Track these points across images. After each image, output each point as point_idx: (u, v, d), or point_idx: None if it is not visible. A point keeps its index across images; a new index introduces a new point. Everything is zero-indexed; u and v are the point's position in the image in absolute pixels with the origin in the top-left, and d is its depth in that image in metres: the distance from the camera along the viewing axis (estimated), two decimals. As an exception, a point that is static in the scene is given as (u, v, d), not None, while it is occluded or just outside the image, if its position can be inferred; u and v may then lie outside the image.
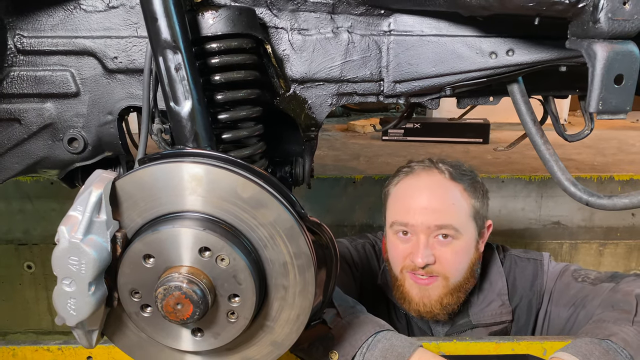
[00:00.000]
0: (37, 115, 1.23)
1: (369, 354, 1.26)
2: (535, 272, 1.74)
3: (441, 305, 1.61)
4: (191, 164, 0.91)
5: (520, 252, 1.82)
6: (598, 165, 3.75)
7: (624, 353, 1.25)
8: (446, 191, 1.61)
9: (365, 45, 1.22)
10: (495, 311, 1.70)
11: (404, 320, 1.76)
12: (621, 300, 1.43)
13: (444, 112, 5.11)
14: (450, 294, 1.61)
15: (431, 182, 1.63)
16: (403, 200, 1.64)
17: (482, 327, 1.70)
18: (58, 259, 0.85)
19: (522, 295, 1.74)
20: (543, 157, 1.24)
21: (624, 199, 1.11)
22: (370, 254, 1.86)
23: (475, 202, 1.64)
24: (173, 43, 0.99)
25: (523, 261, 1.78)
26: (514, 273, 1.77)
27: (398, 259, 1.63)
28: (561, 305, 1.66)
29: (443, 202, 1.60)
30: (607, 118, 0.92)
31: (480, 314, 1.70)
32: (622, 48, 0.89)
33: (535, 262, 1.76)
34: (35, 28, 1.19)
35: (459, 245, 1.59)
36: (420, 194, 1.61)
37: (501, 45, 1.16)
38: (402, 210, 1.62)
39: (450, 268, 1.60)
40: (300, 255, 0.93)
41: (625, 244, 3.13)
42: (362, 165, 3.73)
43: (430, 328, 1.74)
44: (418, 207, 1.59)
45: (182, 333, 0.95)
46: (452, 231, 1.58)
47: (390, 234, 1.66)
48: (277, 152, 1.40)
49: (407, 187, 1.65)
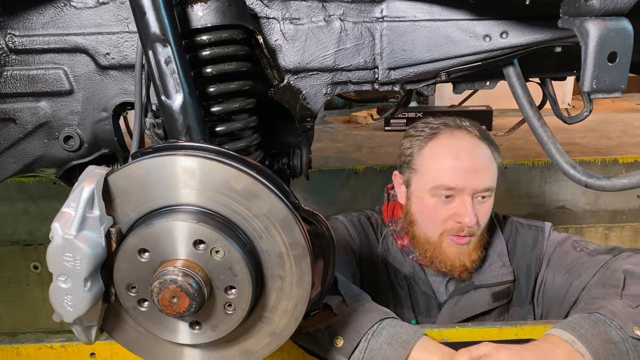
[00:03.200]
0: (32, 114, 1.23)
1: (373, 340, 1.27)
2: (536, 238, 1.76)
3: (471, 259, 1.64)
4: (184, 156, 0.90)
5: (523, 220, 1.84)
6: (602, 148, 3.71)
7: (613, 324, 1.27)
8: (484, 152, 1.63)
9: (358, 33, 1.21)
10: (497, 272, 1.73)
11: (406, 285, 1.76)
12: (610, 277, 1.46)
13: (446, 100, 5.08)
14: (477, 248, 1.66)
15: (468, 143, 1.62)
16: (444, 162, 1.60)
17: (484, 288, 1.72)
18: (52, 256, 0.85)
19: (522, 259, 1.76)
20: (541, 140, 1.22)
21: (623, 180, 1.10)
22: (366, 225, 1.85)
23: (499, 159, 1.68)
24: (162, 36, 0.98)
25: (524, 227, 1.80)
26: (514, 238, 1.79)
27: (437, 222, 1.62)
28: (557, 271, 1.69)
29: (484, 164, 1.61)
30: (602, 97, 0.90)
31: (482, 274, 1.72)
32: (615, 25, 0.87)
33: (537, 229, 1.78)
34: (27, 27, 1.18)
35: (490, 202, 1.64)
36: (463, 155, 1.59)
37: (495, 28, 1.15)
38: (448, 172, 1.59)
39: (484, 223, 1.65)
40: (295, 245, 0.92)
41: (632, 227, 3.11)
42: (364, 156, 3.71)
43: (434, 290, 1.74)
44: (465, 170, 1.58)
45: (179, 326, 0.95)
46: (490, 192, 1.62)
47: (427, 196, 1.63)
48: (273, 144, 1.39)
49: (444, 147, 1.62)
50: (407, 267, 1.75)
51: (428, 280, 1.75)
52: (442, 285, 1.75)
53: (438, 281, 1.75)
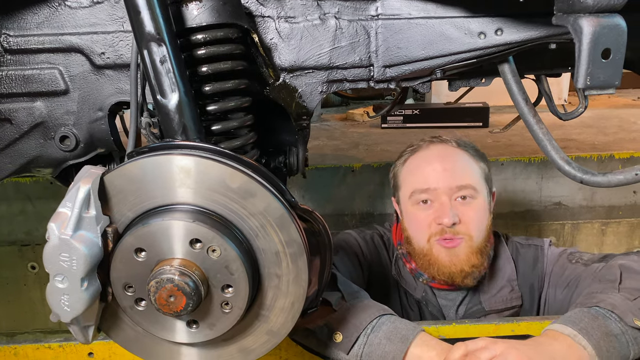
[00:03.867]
0: (27, 114, 1.23)
1: (373, 335, 1.28)
2: (536, 257, 1.76)
3: (470, 264, 1.63)
4: (179, 156, 0.91)
5: (522, 239, 1.85)
6: (599, 144, 3.72)
7: (613, 316, 1.28)
8: (456, 155, 1.69)
9: (354, 31, 1.21)
10: (506, 297, 1.73)
11: (416, 307, 1.78)
12: (606, 273, 1.47)
13: (442, 97, 5.08)
14: (475, 253, 1.64)
15: (442, 150, 1.70)
16: (418, 170, 1.69)
17: (494, 313, 1.72)
18: (49, 256, 0.86)
19: (525, 280, 1.75)
20: (536, 137, 1.23)
21: (618, 176, 1.10)
22: (379, 245, 1.87)
23: (483, 164, 1.71)
24: (157, 35, 0.98)
25: (524, 247, 1.80)
26: (516, 259, 1.78)
27: (422, 229, 1.65)
28: (557, 286, 1.69)
29: (459, 165, 1.66)
30: (596, 93, 0.91)
31: (492, 300, 1.72)
32: (609, 22, 0.88)
33: (537, 248, 1.78)
34: (21, 27, 1.18)
35: (477, 204, 1.65)
36: (435, 160, 1.67)
37: (489, 25, 1.15)
38: (420, 178, 1.67)
39: (474, 226, 1.64)
40: (292, 243, 0.92)
41: (628, 222, 3.12)
42: (361, 153, 3.71)
43: (444, 315, 1.75)
44: (436, 171, 1.65)
45: (177, 325, 0.95)
46: (471, 191, 1.63)
47: (409, 206, 1.69)
48: (270, 142, 1.39)
49: (419, 159, 1.71)
50: (418, 291, 1.76)
51: (439, 304, 1.76)
52: (452, 309, 1.75)
53: (449, 306, 1.75)
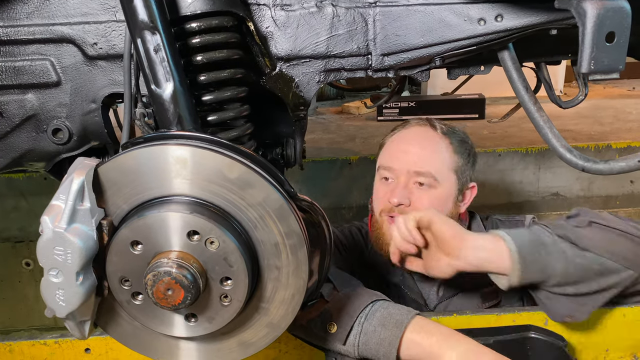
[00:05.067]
0: (18, 107, 1.20)
1: (367, 323, 1.26)
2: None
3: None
4: (175, 146, 0.88)
5: (502, 216, 1.86)
6: (595, 134, 3.72)
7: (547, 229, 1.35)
8: (431, 141, 1.69)
9: (351, 19, 1.19)
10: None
11: (396, 294, 1.77)
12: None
13: (438, 88, 5.07)
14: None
15: (418, 133, 1.73)
16: (390, 147, 1.74)
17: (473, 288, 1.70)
18: (43, 250, 0.84)
19: None
20: (537, 125, 1.21)
21: (620, 163, 1.09)
22: (356, 236, 1.89)
23: (459, 158, 1.70)
24: (151, 23, 0.96)
25: (504, 223, 1.81)
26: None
27: (379, 202, 1.70)
28: None
29: (424, 150, 1.67)
30: (600, 78, 0.89)
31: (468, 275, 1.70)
32: (613, 4, 0.86)
33: (517, 223, 1.79)
34: (11, 17, 1.15)
35: (435, 194, 1.64)
36: (406, 141, 1.71)
37: (489, 11, 1.13)
38: (387, 155, 1.72)
39: None
40: (291, 234, 0.91)
41: (625, 212, 3.12)
42: (357, 146, 3.70)
43: (423, 297, 1.74)
44: (401, 152, 1.68)
45: (175, 319, 0.93)
46: (430, 179, 1.63)
47: (377, 179, 1.74)
48: (267, 134, 1.37)
49: (397, 137, 1.76)
50: (396, 275, 1.77)
51: (417, 286, 1.75)
52: (432, 291, 1.74)
53: (428, 287, 1.75)
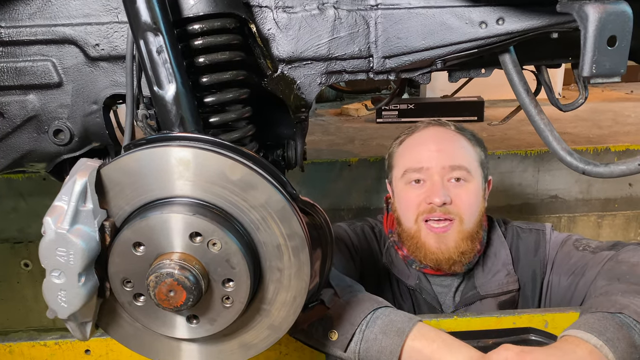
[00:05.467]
0: (20, 107, 1.20)
1: (368, 330, 1.25)
2: (538, 242, 1.74)
3: (458, 252, 1.61)
4: (178, 147, 0.88)
5: (522, 224, 1.83)
6: (594, 137, 3.73)
7: (638, 327, 1.20)
8: (452, 137, 1.69)
9: (353, 21, 1.19)
10: (502, 281, 1.71)
11: (409, 297, 1.75)
12: (627, 273, 1.38)
13: (437, 91, 5.08)
14: (465, 239, 1.62)
15: (437, 131, 1.71)
16: (413, 149, 1.69)
17: (490, 298, 1.70)
18: (45, 251, 0.83)
19: (526, 264, 1.74)
20: (537, 128, 1.22)
21: (620, 166, 1.09)
22: (369, 236, 1.84)
23: (480, 150, 1.71)
24: (153, 25, 0.96)
25: (525, 232, 1.78)
26: (516, 244, 1.77)
27: (412, 207, 1.64)
28: (562, 273, 1.66)
29: (453, 145, 1.66)
30: (601, 82, 0.89)
31: (487, 284, 1.70)
32: (615, 8, 0.86)
33: (538, 232, 1.76)
34: (13, 17, 1.15)
35: (471, 188, 1.64)
36: (431, 140, 1.68)
37: (491, 14, 1.13)
38: (414, 157, 1.67)
39: (466, 209, 1.62)
40: (293, 236, 0.91)
41: (623, 215, 3.13)
42: (357, 148, 3.70)
43: (440, 303, 1.73)
44: (430, 150, 1.65)
45: (177, 321, 0.93)
46: (464, 173, 1.62)
47: (401, 185, 1.69)
48: (268, 135, 1.37)
49: (415, 139, 1.72)
50: (412, 278, 1.74)
51: (434, 291, 1.73)
52: (448, 296, 1.73)
53: (444, 292, 1.73)
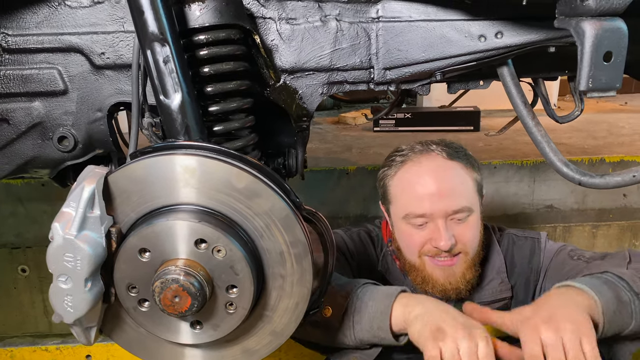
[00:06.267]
0: (25, 114, 1.22)
1: (358, 302, 1.31)
2: (533, 250, 1.77)
3: (465, 280, 1.64)
4: (184, 156, 0.90)
5: (518, 231, 1.85)
6: (589, 148, 3.76)
7: (622, 283, 1.29)
8: (451, 173, 1.61)
9: (354, 33, 1.22)
10: (495, 289, 1.73)
11: None
12: (613, 256, 1.50)
13: (433, 100, 5.11)
14: (470, 267, 1.65)
15: (434, 166, 1.62)
16: (411, 190, 1.63)
17: (483, 305, 1.72)
18: (53, 256, 0.85)
19: (520, 272, 1.76)
20: (535, 139, 1.24)
21: (616, 177, 1.12)
22: (366, 242, 1.86)
23: (476, 175, 1.66)
24: (160, 35, 0.98)
25: (520, 239, 1.81)
26: (511, 251, 1.79)
27: (414, 247, 1.64)
28: (555, 281, 1.67)
29: (453, 185, 1.60)
30: (597, 96, 0.92)
31: (481, 292, 1.73)
32: (611, 25, 0.89)
33: (533, 241, 1.78)
34: (20, 26, 1.17)
35: (473, 221, 1.63)
36: (428, 180, 1.60)
37: (490, 28, 1.16)
38: (414, 201, 1.60)
39: (470, 244, 1.63)
40: (296, 243, 0.92)
41: (618, 225, 3.16)
42: (354, 156, 3.72)
43: None
44: (430, 194, 1.58)
45: (180, 326, 0.95)
46: (466, 213, 1.60)
47: (402, 224, 1.65)
48: (269, 144, 1.39)
49: (411, 176, 1.64)
50: (408, 287, 1.75)
51: None
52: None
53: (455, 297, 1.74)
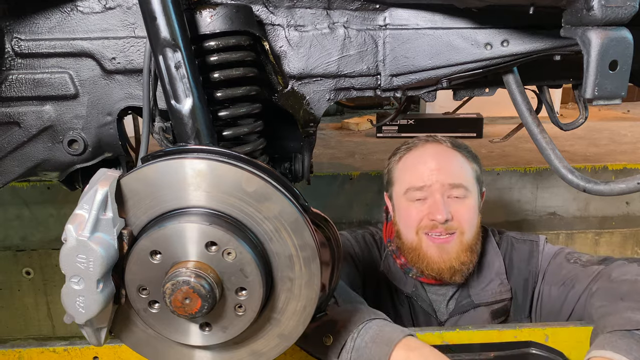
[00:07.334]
0: (36, 118, 1.23)
1: (359, 339, 1.29)
2: (531, 252, 1.80)
3: (459, 262, 1.69)
4: (195, 159, 0.91)
5: (517, 234, 1.90)
6: (591, 156, 3.77)
7: None
8: (450, 155, 1.75)
9: (362, 40, 1.23)
10: (495, 290, 1.77)
11: (407, 303, 1.80)
12: (630, 291, 1.42)
13: (437, 107, 5.13)
14: (465, 250, 1.69)
15: (437, 149, 1.77)
16: (414, 167, 1.75)
17: (483, 306, 1.76)
18: (66, 257, 0.86)
19: (519, 274, 1.80)
20: (540, 146, 1.25)
21: (620, 184, 1.13)
22: (370, 243, 1.90)
23: (475, 165, 1.78)
24: (172, 41, 0.99)
25: (519, 242, 1.85)
26: (510, 254, 1.83)
27: (414, 222, 1.71)
28: (552, 284, 1.73)
29: (452, 163, 1.73)
30: (603, 104, 0.93)
31: (481, 293, 1.76)
32: (616, 34, 0.90)
33: (532, 243, 1.82)
34: (33, 31, 1.19)
35: (470, 203, 1.71)
36: (431, 158, 1.74)
37: (496, 36, 1.18)
38: (416, 176, 1.73)
39: (466, 223, 1.70)
40: (305, 247, 0.94)
41: (620, 233, 3.16)
42: (357, 162, 3.74)
43: (435, 310, 1.77)
44: (431, 169, 1.71)
45: (190, 328, 0.95)
46: (463, 190, 1.69)
47: (403, 202, 1.75)
48: (276, 148, 1.41)
49: (414, 157, 1.77)
50: (408, 286, 1.80)
51: (429, 299, 1.79)
52: (442, 304, 1.79)
53: (439, 300, 1.79)
